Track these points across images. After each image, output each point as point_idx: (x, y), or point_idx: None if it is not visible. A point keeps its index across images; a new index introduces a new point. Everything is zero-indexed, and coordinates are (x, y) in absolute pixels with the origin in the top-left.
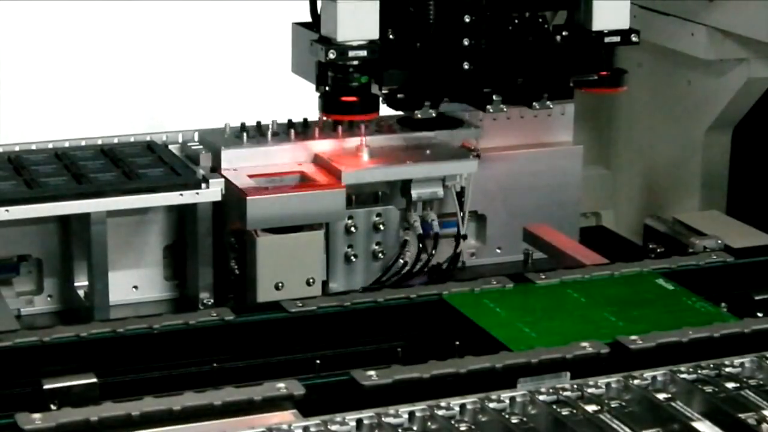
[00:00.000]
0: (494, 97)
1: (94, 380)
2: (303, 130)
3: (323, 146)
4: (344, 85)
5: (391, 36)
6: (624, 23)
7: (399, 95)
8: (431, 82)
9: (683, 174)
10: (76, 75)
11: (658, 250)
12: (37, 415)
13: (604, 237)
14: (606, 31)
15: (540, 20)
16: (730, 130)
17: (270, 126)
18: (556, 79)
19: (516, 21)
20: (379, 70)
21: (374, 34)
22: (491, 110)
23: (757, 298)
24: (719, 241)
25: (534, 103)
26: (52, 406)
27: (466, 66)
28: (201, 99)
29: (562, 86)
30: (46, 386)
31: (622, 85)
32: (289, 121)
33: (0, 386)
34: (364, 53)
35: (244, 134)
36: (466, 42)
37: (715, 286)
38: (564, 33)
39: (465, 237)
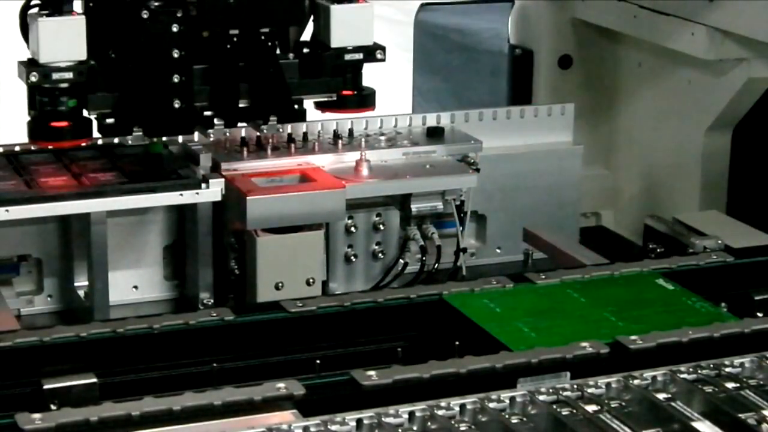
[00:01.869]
0: (216, 120)
1: (94, 380)
2: (303, 144)
3: (323, 160)
4: (52, 109)
5: (112, 55)
6: (367, 39)
7: (108, 120)
8: (140, 105)
9: (683, 174)
10: None
11: (658, 250)
12: (37, 415)
13: (604, 237)
14: (348, 48)
15: (264, 37)
16: (730, 130)
17: (270, 140)
18: (283, 101)
19: (235, 39)
20: (86, 93)
21: (81, 54)
22: (212, 135)
23: (757, 298)
24: (719, 241)
25: (262, 126)
26: (52, 406)
27: (176, 79)
28: None
29: (290, 108)
30: (46, 386)
31: (369, 106)
32: (289, 135)
33: (0, 386)
34: (69, 75)
35: (244, 149)
36: (176, 54)
37: (715, 286)
38: (304, 50)
39: (465, 250)
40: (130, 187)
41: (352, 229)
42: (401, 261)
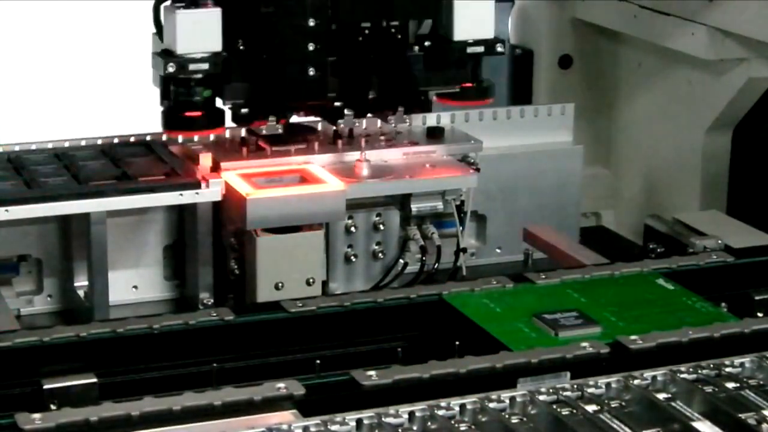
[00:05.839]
0: (345, 111)
1: (94, 380)
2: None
3: (323, 160)
4: (186, 99)
5: (241, 47)
6: (488, 32)
7: (243, 110)
8: (275, 95)
9: (683, 174)
10: (75, 75)
11: (658, 250)
12: (37, 415)
13: (604, 237)
14: (470, 41)
15: (393, 30)
16: (730, 130)
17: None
18: (410, 92)
19: (366, 32)
20: (221, 83)
21: (216, 45)
22: (342, 124)
23: (757, 298)
24: (719, 241)
25: (389, 117)
26: (52, 406)
27: (311, 72)
28: None
29: (417, 99)
30: (46, 386)
31: (489, 97)
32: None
33: (0, 386)
34: (205, 66)
35: (244, 149)
36: (311, 47)
37: (715, 286)
38: (426, 43)
39: (465, 250)
40: (130, 187)
41: (352, 229)
42: (401, 261)
